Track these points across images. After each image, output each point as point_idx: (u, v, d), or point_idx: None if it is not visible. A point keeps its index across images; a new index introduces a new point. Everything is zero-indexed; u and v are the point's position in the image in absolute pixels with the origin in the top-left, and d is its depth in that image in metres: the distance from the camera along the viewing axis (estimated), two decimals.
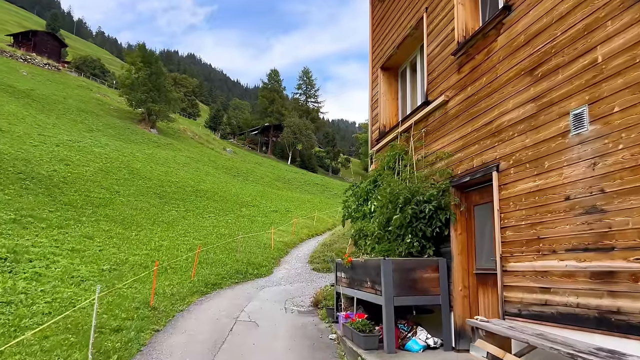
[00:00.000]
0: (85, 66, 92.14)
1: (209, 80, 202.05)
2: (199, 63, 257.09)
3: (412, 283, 7.06)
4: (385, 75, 10.73)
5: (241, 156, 71.86)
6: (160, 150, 47.27)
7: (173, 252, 18.17)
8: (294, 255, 21.53)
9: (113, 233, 19.93)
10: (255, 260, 18.13)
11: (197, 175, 39.46)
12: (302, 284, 15.81)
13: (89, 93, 63.77)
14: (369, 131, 11.36)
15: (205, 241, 20.78)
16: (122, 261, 16.03)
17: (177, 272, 15.28)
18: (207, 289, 13.71)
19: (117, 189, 26.96)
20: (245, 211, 30.61)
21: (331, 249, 20.92)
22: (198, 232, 22.66)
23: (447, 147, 7.38)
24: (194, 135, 68.39)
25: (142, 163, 36.05)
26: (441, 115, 7.69)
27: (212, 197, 32.40)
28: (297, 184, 59.84)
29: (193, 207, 28.43)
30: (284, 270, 18.33)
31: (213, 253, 18.31)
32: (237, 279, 15.66)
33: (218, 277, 15.09)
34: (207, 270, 15.73)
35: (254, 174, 54.74)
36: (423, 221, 7.25)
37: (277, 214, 32.09)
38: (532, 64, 5.49)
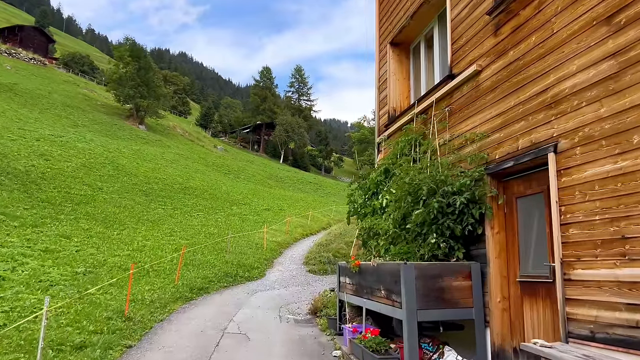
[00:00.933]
0: (73, 63, 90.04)
1: (200, 79, 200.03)
2: (191, 62, 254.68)
3: (439, 293, 5.74)
4: (396, 51, 9.40)
5: (232, 154, 70.34)
6: (148, 146, 45.67)
7: (157, 252, 16.75)
8: (287, 256, 20.17)
9: (93, 232, 18.48)
10: (246, 262, 16.75)
11: (186, 173, 37.96)
12: (298, 287, 14.46)
13: (76, 88, 61.94)
14: (376, 117, 10.03)
15: (192, 241, 19.38)
16: (99, 263, 14.61)
17: (159, 275, 13.87)
18: (192, 295, 12.31)
19: (100, 185, 25.45)
20: (236, 210, 29.20)
21: (328, 249, 19.59)
22: (185, 231, 21.24)
23: (480, 127, 6.07)
24: (184, 133, 66.77)
25: (128, 159, 34.50)
26: (471, 89, 6.37)
27: (202, 194, 30.95)
28: (290, 182, 58.41)
29: (181, 205, 26.98)
30: (277, 272, 16.97)
31: (200, 254, 16.92)
32: (226, 283, 14.27)
33: (205, 281, 13.69)
34: (193, 273, 14.33)
35: (245, 172, 53.26)
36: (451, 217, 5.93)
37: (269, 212, 30.69)
38: (611, 9, 4.17)
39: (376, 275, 6.70)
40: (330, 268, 17.86)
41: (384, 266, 6.41)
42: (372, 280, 6.87)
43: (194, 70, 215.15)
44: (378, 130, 9.86)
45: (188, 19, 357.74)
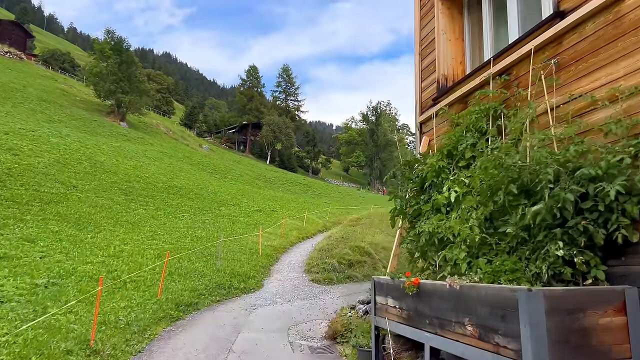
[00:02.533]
0: (53, 60, 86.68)
1: (184, 80, 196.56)
2: (175, 62, 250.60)
3: (580, 337, 3.61)
4: (445, 4, 7.29)
5: (218, 154, 67.83)
6: (130, 143, 43.04)
7: (136, 259, 14.44)
8: (285, 262, 17.94)
9: (63, 235, 16.14)
10: (240, 270, 14.50)
11: (170, 171, 35.50)
12: (304, 301, 12.26)
13: (54, 83, 58.86)
14: (416, 90, 7.90)
15: (177, 245, 17.07)
16: (67, 272, 12.31)
17: (139, 287, 11.58)
18: (178, 313, 10.05)
19: (74, 183, 22.97)
20: (224, 210, 26.88)
21: (331, 255, 17.43)
22: (169, 234, 18.90)
23: (627, 79, 3.98)
24: (167, 131, 64.08)
25: (107, 156, 31.94)
26: (601, 27, 4.29)
27: (187, 194, 28.57)
28: (279, 183, 56.09)
29: (164, 205, 24.60)
30: (276, 282, 14.75)
31: (187, 260, 14.64)
32: (218, 296, 12.02)
33: (194, 294, 11.43)
34: (179, 285, 12.06)
35: (232, 172, 50.81)
36: (589, 216, 3.82)
37: (261, 214, 28.39)
38: None
39: (456, 301, 4.55)
40: (336, 277, 15.70)
41: (476, 290, 4.26)
42: (446, 309, 4.72)
43: (179, 71, 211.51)
44: (421, 107, 7.73)
45: (174, 20, 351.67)
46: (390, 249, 18.80)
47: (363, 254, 17.63)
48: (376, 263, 17.44)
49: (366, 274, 16.54)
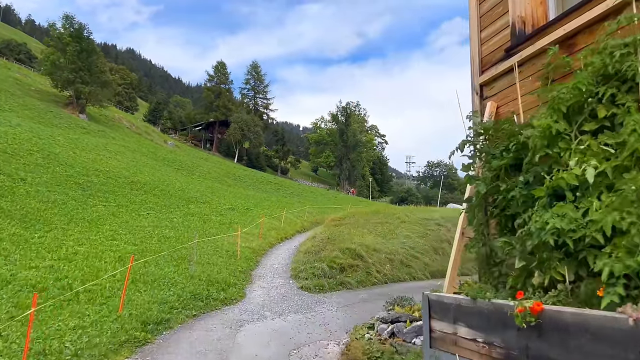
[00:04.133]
0: (8, 50, 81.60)
1: (149, 77, 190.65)
2: (139, 59, 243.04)
3: None
4: None
5: (184, 150, 64.76)
6: (89, 136, 39.86)
7: (93, 263, 12.05)
8: (267, 266, 15.80)
9: (5, 234, 13.61)
10: (218, 277, 12.29)
11: (134, 166, 32.71)
12: (298, 315, 10.20)
13: (7, 72, 54.68)
14: (474, 43, 5.99)
15: (142, 247, 14.71)
16: (4, 280, 9.87)
17: (94, 300, 9.27)
18: (145, 334, 7.85)
19: (23, 175, 20.17)
20: (194, 208, 24.46)
21: (319, 258, 15.40)
22: (133, 233, 16.48)
23: None
24: (130, 125, 60.64)
25: (63, 148, 28.97)
26: None
27: (152, 190, 26.00)
28: (249, 181, 53.61)
29: (127, 201, 22.04)
30: (260, 290, 12.61)
31: (155, 265, 12.34)
32: (195, 309, 9.82)
33: (164, 308, 9.22)
34: (145, 296, 9.81)
35: (200, 169, 48.07)
36: None
37: (235, 212, 26.07)
38: None
39: None
40: (328, 283, 13.69)
41: None
42: None
43: (143, 67, 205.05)
44: (481, 64, 5.82)
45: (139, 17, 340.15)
46: (382, 250, 16.92)
47: (355, 256, 15.69)
48: (369, 267, 15.52)
49: (360, 280, 14.62)
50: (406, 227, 20.87)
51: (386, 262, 16.34)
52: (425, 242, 19.32)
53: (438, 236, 20.29)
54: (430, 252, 18.71)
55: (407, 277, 16.24)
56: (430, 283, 15.83)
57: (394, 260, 16.79)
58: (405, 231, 20.29)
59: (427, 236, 20.04)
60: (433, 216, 22.56)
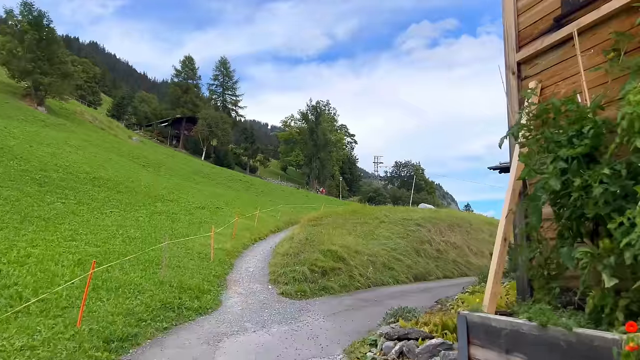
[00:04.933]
0: None
1: (113, 71, 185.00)
2: (103, 53, 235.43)
3: None
4: None
5: (150, 146, 62.56)
6: (48, 130, 37.65)
7: (48, 267, 10.70)
8: (242, 269, 14.67)
9: None
10: (191, 282, 11.12)
11: (96, 161, 30.88)
12: (283, 326, 9.15)
13: None
14: (508, 14, 5.07)
15: (105, 248, 13.36)
16: None
17: (48, 312, 7.99)
18: (108, 355, 6.69)
19: None
20: (161, 207, 23.02)
21: (299, 261, 14.37)
22: (94, 234, 15.07)
23: None
24: (93, 120, 58.09)
25: (18, 141, 27.01)
26: None
27: (116, 187, 24.41)
28: (219, 179, 52.00)
29: (88, 198, 20.47)
30: (237, 297, 11.50)
31: (119, 270, 11.05)
32: (166, 321, 8.65)
33: (131, 321, 8.03)
34: (108, 306, 8.58)
35: (166, 165, 46.25)
36: None
37: (205, 211, 24.72)
38: None
39: None
40: (310, 288, 12.68)
41: None
42: None
43: (107, 62, 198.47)
44: (518, 38, 4.92)
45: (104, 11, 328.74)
46: (363, 252, 15.97)
47: (336, 259, 14.74)
48: (352, 270, 14.60)
49: (343, 284, 13.69)
50: (386, 228, 20.05)
51: (368, 265, 15.46)
52: (407, 244, 18.55)
53: (419, 237, 19.55)
54: (412, 254, 17.94)
55: (390, 281, 15.40)
56: (417, 287, 15.05)
57: (376, 263, 15.94)
58: (386, 232, 19.48)
59: (408, 237, 19.28)
60: (412, 216, 21.82)
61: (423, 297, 12.88)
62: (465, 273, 18.68)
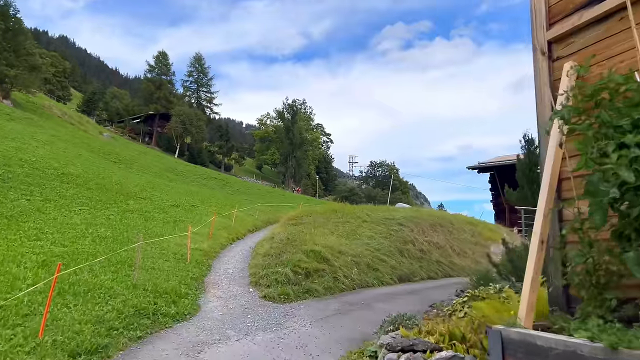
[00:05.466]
0: None
1: (83, 66, 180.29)
2: (73, 47, 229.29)
3: None
4: None
5: (122, 143, 60.84)
6: (14, 123, 35.99)
7: (9, 269, 9.76)
8: (221, 271, 13.91)
9: None
10: (167, 285, 10.33)
11: (64, 157, 29.53)
12: (268, 333, 8.47)
13: None
14: None
15: (73, 249, 12.41)
16: None
17: (6, 321, 7.13)
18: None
19: None
20: (134, 205, 22.00)
21: (281, 262, 13.69)
22: (61, 233, 14.09)
23: None
24: (62, 115, 56.17)
25: None
26: None
27: (86, 184, 23.25)
28: (192, 177, 50.76)
29: (56, 195, 19.35)
30: (216, 301, 10.76)
31: (89, 272, 10.18)
32: (140, 329, 7.88)
33: (100, 330, 7.25)
34: (75, 313, 7.75)
35: (139, 162, 44.87)
36: None
37: (179, 209, 23.76)
38: None
39: None
40: (294, 291, 12.02)
41: None
42: None
43: (77, 56, 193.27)
44: (548, 14, 4.37)
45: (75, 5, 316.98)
46: (347, 253, 15.37)
47: (320, 260, 14.10)
48: (336, 271, 13.99)
49: (327, 287, 13.06)
50: (368, 227, 19.52)
51: (353, 266, 14.87)
52: (390, 244, 18.04)
53: (402, 237, 19.07)
54: (396, 254, 17.44)
55: (375, 282, 14.85)
56: (402, 289, 14.55)
57: (360, 264, 15.37)
58: (368, 231, 18.94)
59: (391, 237, 18.78)
60: (394, 216, 21.35)
61: (412, 300, 12.38)
62: (448, 274, 18.29)
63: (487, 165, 37.99)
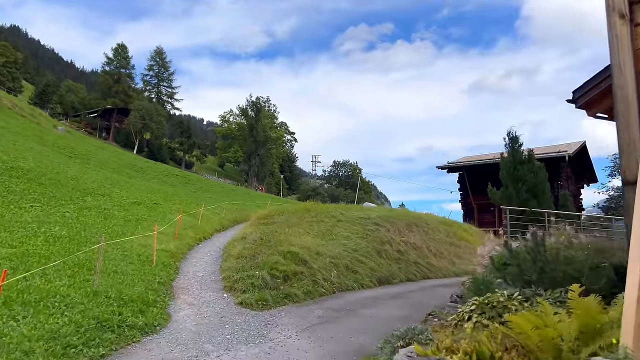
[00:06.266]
0: None
1: (36, 57, 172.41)
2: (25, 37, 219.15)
3: None
4: None
5: (77, 137, 58.02)
6: None
7: None
8: (190, 274, 12.75)
9: None
10: (132, 292, 9.15)
11: (14, 150, 27.45)
12: (252, 347, 7.46)
13: None
14: None
15: (23, 250, 11.00)
16: None
17: None
18: None
19: None
20: (91, 201, 20.41)
21: (256, 264, 12.67)
22: (10, 231, 12.59)
23: None
24: (13, 106, 52.99)
25: None
26: None
27: (38, 178, 21.47)
28: (153, 173, 48.74)
29: (4, 190, 17.62)
30: (188, 308, 9.64)
31: (41, 277, 8.89)
32: (103, 346, 6.74)
33: (55, 349, 6.10)
34: (24, 328, 6.54)
35: (96, 157, 42.64)
36: None
37: (141, 207, 22.25)
38: None
39: None
40: (272, 296, 11.03)
41: None
42: None
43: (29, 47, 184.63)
44: None
45: None
46: (325, 254, 14.42)
47: (298, 262, 13.16)
48: (315, 274, 13.09)
49: (307, 291, 12.14)
50: (344, 227, 18.69)
51: (332, 268, 14.00)
52: (368, 244, 17.28)
53: (379, 237, 18.34)
54: (374, 256, 16.69)
55: (355, 285, 14.03)
56: (385, 292, 13.78)
57: (339, 266, 14.51)
58: (344, 231, 18.11)
59: (367, 237, 18.01)
60: (370, 215, 20.60)
61: (398, 305, 11.63)
62: (427, 275, 17.68)
63: (456, 165, 37.98)
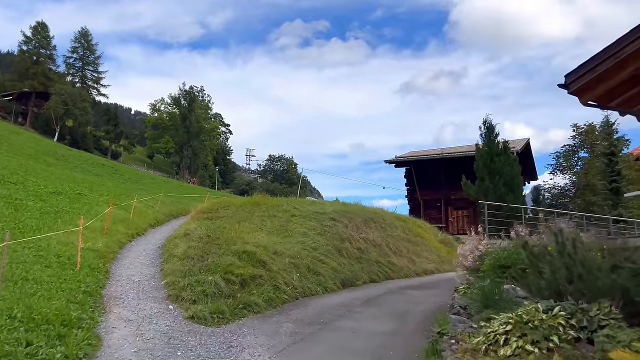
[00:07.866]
0: None
1: None
2: None
3: None
4: None
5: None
6: None
7: None
8: (124, 278, 10.41)
9: None
10: (47, 308, 6.82)
11: None
12: None
13: None
14: None
15: None
16: None
17: None
18: None
19: None
20: (1, 190, 17.26)
21: (206, 267, 10.56)
22: None
23: None
24: None
25: None
26: None
27: None
28: (76, 162, 44.39)
29: None
30: (125, 327, 7.43)
31: None
32: None
33: None
34: None
35: (9, 142, 38.06)
36: None
37: (63, 197, 19.15)
38: None
39: None
40: (228, 306, 9.02)
41: None
42: None
43: None
44: None
45: None
46: (283, 254, 12.05)
47: (256, 264, 11.20)
48: (275, 277, 11.19)
49: (268, 298, 10.21)
50: (299, 222, 16.87)
51: (292, 270, 12.16)
52: (327, 242, 15.58)
53: (337, 233, 16.69)
54: (335, 254, 15.02)
55: (318, 289, 12.27)
56: (353, 296, 12.11)
57: (300, 267, 12.70)
58: (300, 227, 16.31)
59: (325, 234, 16.32)
60: (325, 210, 18.89)
61: (374, 315, 10.00)
62: (389, 276, 16.26)
63: (404, 159, 37.15)
